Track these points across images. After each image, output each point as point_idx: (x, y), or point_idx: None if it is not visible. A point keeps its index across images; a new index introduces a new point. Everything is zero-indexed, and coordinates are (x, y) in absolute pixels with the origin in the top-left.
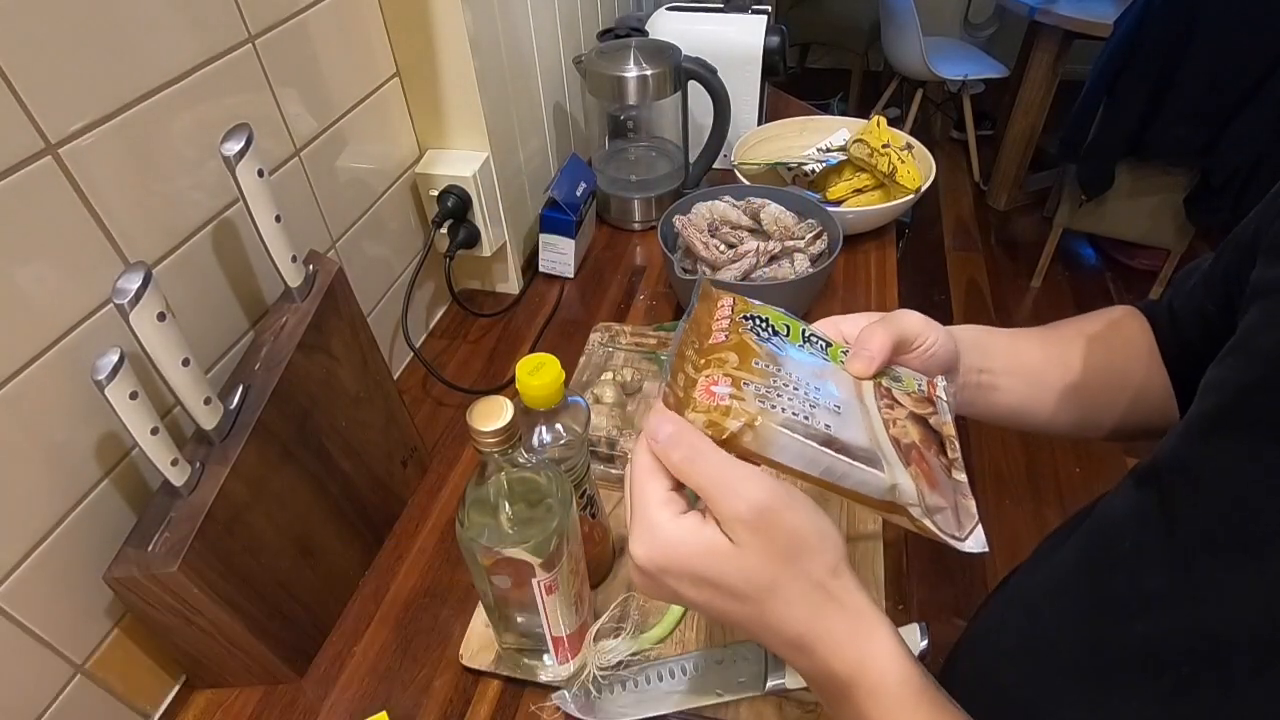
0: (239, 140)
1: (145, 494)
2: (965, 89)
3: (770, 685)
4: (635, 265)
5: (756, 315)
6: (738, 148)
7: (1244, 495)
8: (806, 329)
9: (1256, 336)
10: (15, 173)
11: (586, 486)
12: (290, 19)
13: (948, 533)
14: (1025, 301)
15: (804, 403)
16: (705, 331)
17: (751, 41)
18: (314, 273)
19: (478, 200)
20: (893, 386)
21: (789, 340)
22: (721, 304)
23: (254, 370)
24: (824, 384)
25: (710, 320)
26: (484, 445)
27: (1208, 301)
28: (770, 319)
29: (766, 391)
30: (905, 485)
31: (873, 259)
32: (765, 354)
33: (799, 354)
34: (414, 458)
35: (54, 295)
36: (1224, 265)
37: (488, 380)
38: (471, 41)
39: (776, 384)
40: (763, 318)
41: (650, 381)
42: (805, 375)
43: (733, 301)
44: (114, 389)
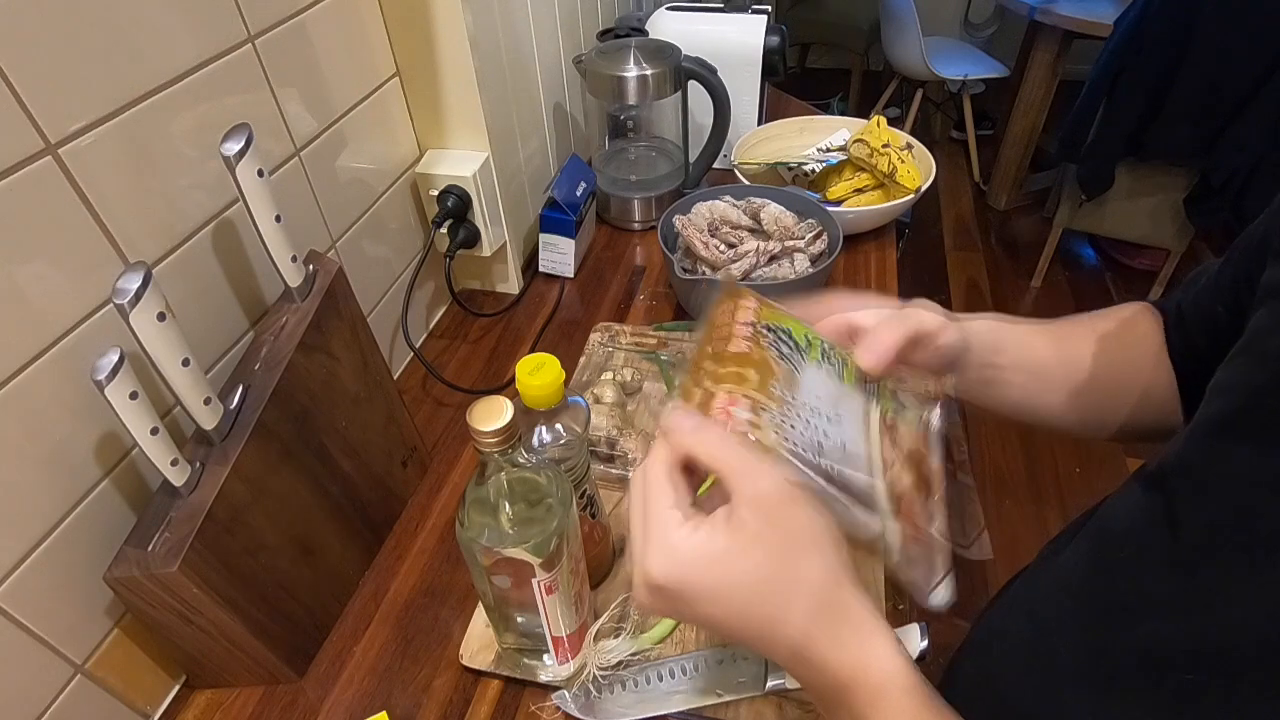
0: (239, 140)
1: (145, 494)
2: (965, 89)
3: (770, 685)
4: (635, 265)
5: (779, 328)
6: (738, 148)
7: (1250, 500)
8: (825, 343)
9: (1266, 339)
10: (15, 173)
11: (586, 486)
12: (290, 19)
13: (917, 585)
14: (1025, 301)
15: (815, 434)
16: (725, 335)
17: (751, 41)
18: (314, 273)
19: (478, 200)
20: (899, 420)
21: (808, 356)
22: (744, 305)
23: (254, 370)
24: (836, 415)
25: (731, 323)
26: (484, 445)
27: (1217, 303)
28: (792, 331)
29: (782, 421)
30: (891, 538)
31: (873, 259)
32: (784, 375)
33: (815, 375)
34: (414, 458)
35: (54, 295)
36: (1233, 268)
37: (488, 380)
38: (471, 41)
39: (791, 413)
40: (785, 329)
41: (650, 382)
42: (820, 404)
43: (757, 305)
44: (114, 389)
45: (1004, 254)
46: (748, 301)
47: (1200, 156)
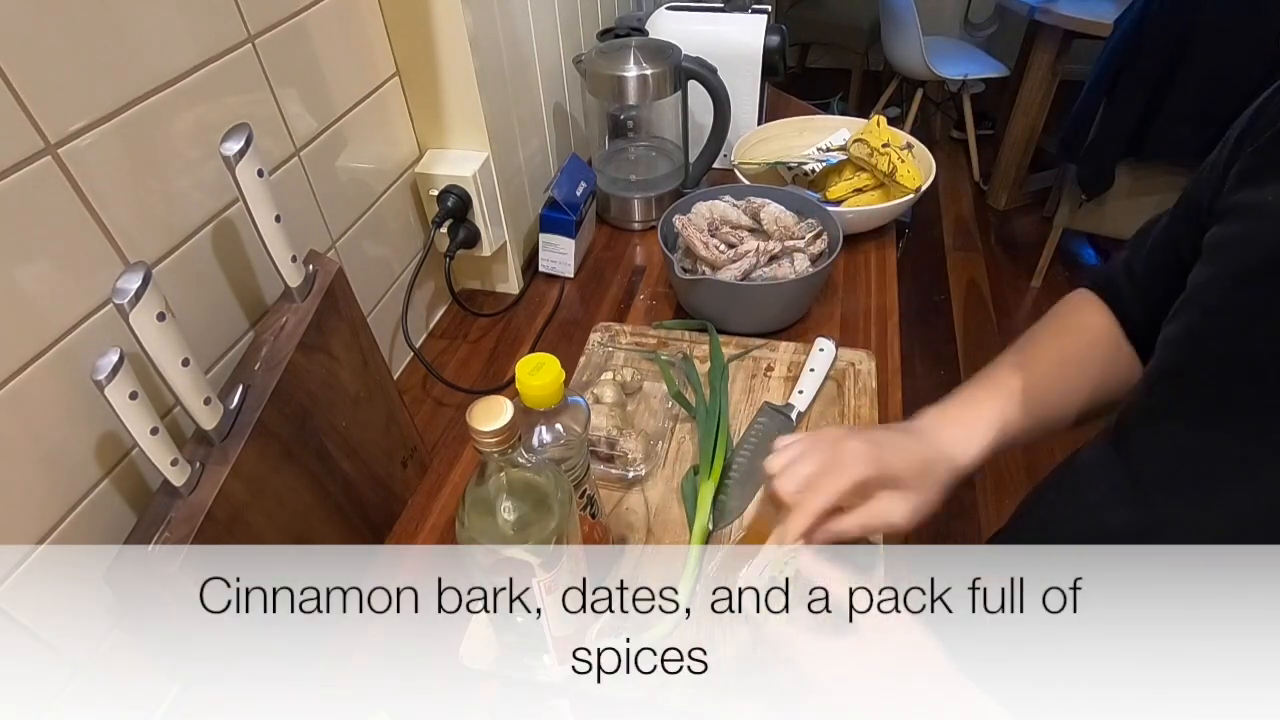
0: (239, 140)
1: (145, 494)
2: (965, 89)
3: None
4: (635, 265)
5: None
6: (738, 148)
7: (1197, 442)
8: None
9: (1202, 293)
10: (15, 173)
11: (586, 486)
12: (290, 19)
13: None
14: (1025, 301)
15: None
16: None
17: (751, 41)
18: (314, 273)
19: (478, 200)
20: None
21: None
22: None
23: (254, 370)
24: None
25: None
26: (484, 445)
27: (1166, 259)
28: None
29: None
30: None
31: (873, 259)
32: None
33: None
34: (414, 458)
35: (54, 295)
36: (1177, 225)
37: (488, 380)
38: (471, 41)
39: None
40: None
41: (650, 382)
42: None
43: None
44: (114, 389)
45: (1004, 254)
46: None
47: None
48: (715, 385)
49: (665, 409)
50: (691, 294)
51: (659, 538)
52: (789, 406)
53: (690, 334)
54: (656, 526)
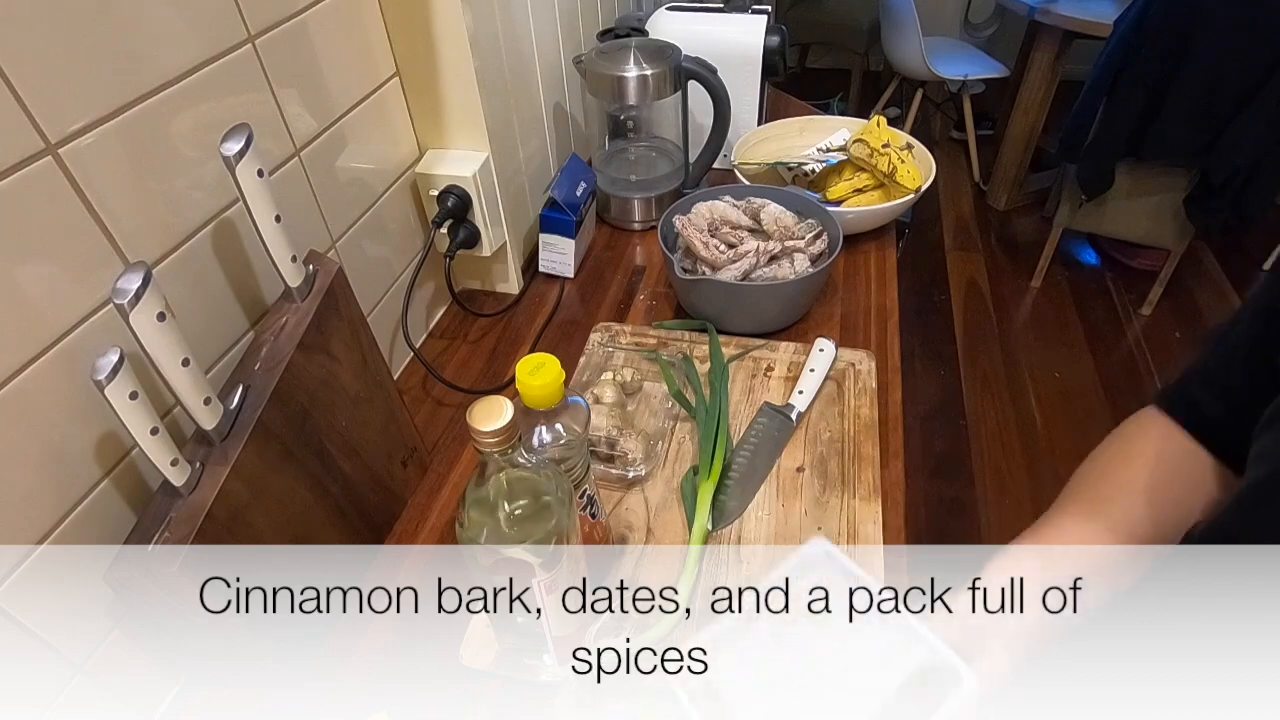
0: (239, 140)
1: (145, 494)
2: (965, 89)
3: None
4: (635, 265)
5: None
6: (738, 148)
7: None
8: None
9: None
10: (15, 173)
11: (586, 486)
12: (290, 19)
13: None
14: (1025, 302)
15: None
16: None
17: (751, 41)
18: (314, 273)
19: (478, 200)
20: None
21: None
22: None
23: (254, 370)
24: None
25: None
26: (484, 445)
27: (1245, 362)
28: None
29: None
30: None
31: (873, 259)
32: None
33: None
34: (414, 458)
35: (54, 295)
36: (1254, 329)
37: (488, 380)
38: (471, 41)
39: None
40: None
41: (650, 382)
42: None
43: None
44: (114, 389)
45: (1004, 254)
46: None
47: (1200, 156)
48: (715, 385)
49: (665, 409)
50: (691, 294)
51: (659, 538)
52: (789, 407)
53: (690, 334)
54: (656, 526)
